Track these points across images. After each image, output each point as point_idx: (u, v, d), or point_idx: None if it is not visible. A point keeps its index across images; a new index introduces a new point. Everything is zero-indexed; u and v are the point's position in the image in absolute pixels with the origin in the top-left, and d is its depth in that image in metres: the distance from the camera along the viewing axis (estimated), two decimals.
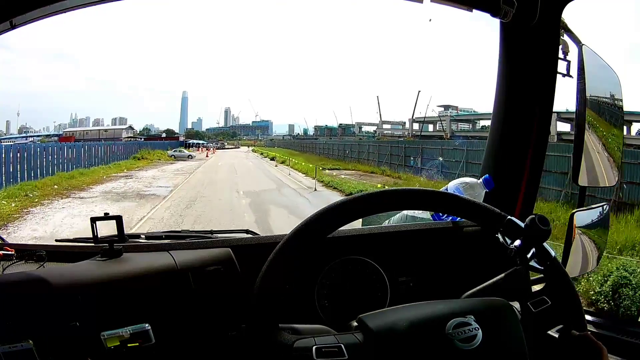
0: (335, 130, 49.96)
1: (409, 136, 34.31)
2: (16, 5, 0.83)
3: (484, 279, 0.76)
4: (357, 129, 46.87)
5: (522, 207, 1.15)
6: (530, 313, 0.67)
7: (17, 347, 0.63)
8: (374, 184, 14.15)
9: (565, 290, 0.69)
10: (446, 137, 30.02)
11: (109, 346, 0.71)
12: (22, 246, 0.92)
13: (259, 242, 1.00)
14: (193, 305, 0.83)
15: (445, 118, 35.47)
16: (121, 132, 41.74)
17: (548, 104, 1.11)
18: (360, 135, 44.18)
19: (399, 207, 0.78)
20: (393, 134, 39.55)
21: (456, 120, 35.12)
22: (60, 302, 0.70)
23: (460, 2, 1.02)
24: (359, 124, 47.89)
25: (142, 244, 1.00)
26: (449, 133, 31.94)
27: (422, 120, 35.61)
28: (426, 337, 0.60)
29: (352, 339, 0.60)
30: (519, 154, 1.14)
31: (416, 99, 38.61)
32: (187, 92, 69.77)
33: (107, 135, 39.46)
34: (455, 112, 38.66)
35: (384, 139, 34.28)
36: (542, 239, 0.68)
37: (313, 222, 0.65)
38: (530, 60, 1.09)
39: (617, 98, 1.11)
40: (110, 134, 40.65)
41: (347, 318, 0.71)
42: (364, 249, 1.03)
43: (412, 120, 36.80)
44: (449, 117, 35.47)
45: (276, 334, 0.60)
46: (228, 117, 62.61)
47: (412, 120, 36.80)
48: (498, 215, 0.70)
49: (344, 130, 48.20)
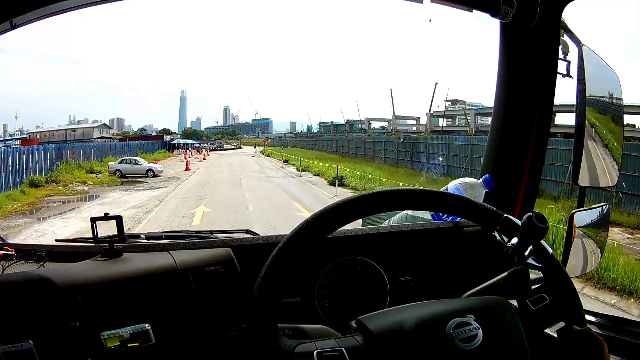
0: (342, 127, 47.29)
1: (427, 131, 31.85)
2: (16, 6, 0.83)
3: (484, 278, 0.76)
4: (367, 125, 44.14)
5: (522, 206, 1.15)
6: (530, 311, 0.68)
7: (17, 347, 0.63)
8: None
9: (563, 286, 0.69)
10: (471, 132, 27.77)
11: (109, 346, 0.71)
12: (22, 246, 0.92)
13: (259, 242, 1.00)
14: (193, 305, 0.83)
15: (470, 111, 32.63)
16: (92, 131, 35.53)
17: (548, 104, 1.11)
18: (370, 131, 41.70)
19: (398, 207, 0.78)
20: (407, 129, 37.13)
21: (481, 114, 31.81)
22: (60, 302, 0.70)
23: (460, 3, 1.02)
24: (368, 120, 45.07)
25: (142, 244, 1.00)
26: (473, 128, 29.24)
27: (443, 114, 32.82)
28: (426, 337, 0.60)
29: (352, 342, 0.60)
30: (519, 154, 1.14)
31: (433, 91, 36.59)
32: (185, 91, 69.54)
33: (76, 135, 33.35)
34: (463, 106, 36.11)
35: (398, 135, 31.57)
36: (539, 237, 0.68)
37: (313, 223, 0.65)
38: (530, 61, 1.09)
39: (617, 98, 1.11)
40: (79, 133, 34.37)
41: (347, 318, 0.71)
42: (364, 249, 1.03)
43: (430, 114, 34.03)
44: (473, 110, 32.52)
45: (276, 338, 0.60)
46: (227, 116, 62.07)
47: (430, 114, 34.03)
48: (495, 214, 0.70)
49: (351, 127, 45.77)
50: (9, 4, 0.83)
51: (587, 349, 0.66)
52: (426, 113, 35.13)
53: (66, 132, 33.85)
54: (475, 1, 1.01)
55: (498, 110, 1.19)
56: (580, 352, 0.66)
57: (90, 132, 35.06)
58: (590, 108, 1.02)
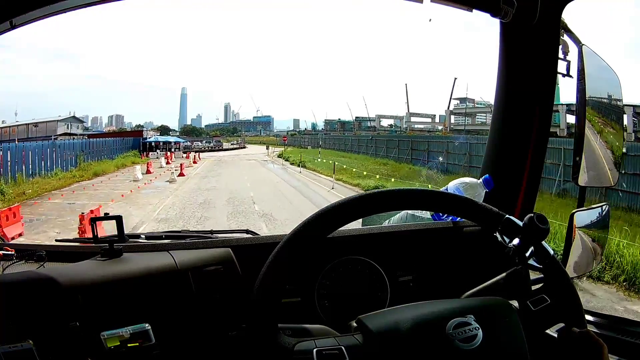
0: (349, 125, 44.87)
1: (445, 130, 30.11)
2: (16, 5, 0.83)
3: (484, 278, 0.76)
4: (378, 122, 41.68)
5: (522, 206, 1.15)
6: (530, 311, 0.68)
7: (17, 347, 0.63)
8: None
9: (564, 288, 0.69)
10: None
11: (109, 346, 0.71)
12: (22, 246, 0.92)
13: (259, 242, 1.00)
14: (193, 305, 0.83)
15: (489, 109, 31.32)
16: (55, 126, 28.44)
17: (548, 104, 1.11)
18: (381, 129, 39.61)
19: (398, 207, 0.78)
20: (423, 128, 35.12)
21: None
22: (60, 302, 0.70)
23: (460, 2, 1.02)
24: (378, 117, 42.53)
25: (142, 244, 1.00)
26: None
27: (464, 112, 31.16)
28: (426, 337, 0.60)
29: (352, 341, 0.60)
30: (519, 154, 1.14)
31: (452, 87, 33.76)
32: (186, 88, 68.96)
33: (39, 131, 26.87)
34: (472, 104, 34.83)
35: (412, 133, 30.11)
36: (540, 238, 0.68)
37: (313, 222, 0.65)
38: (530, 60, 1.09)
39: (617, 98, 1.11)
40: (42, 129, 27.52)
41: (347, 318, 0.71)
42: (364, 249, 1.03)
43: (449, 112, 32.08)
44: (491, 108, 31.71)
45: (276, 337, 0.60)
46: (228, 113, 61.52)
47: (449, 112, 32.08)
48: (496, 214, 0.70)
49: (360, 124, 43.79)
50: (9, 4, 0.83)
51: (586, 350, 0.66)
52: (445, 110, 33.28)
53: (27, 128, 27.46)
54: (475, 1, 1.01)
55: (498, 110, 1.19)
56: (580, 354, 0.66)
57: (54, 127, 28.02)
58: (590, 108, 1.02)
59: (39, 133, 26.13)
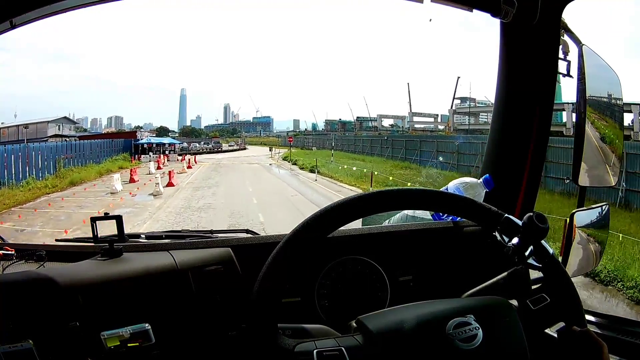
0: (350, 125, 44.24)
1: (448, 130, 29.49)
2: (16, 5, 0.83)
3: (484, 278, 0.76)
4: (379, 122, 41.09)
5: (522, 206, 1.15)
6: (530, 311, 0.67)
7: (17, 347, 0.63)
8: None
9: (564, 287, 0.69)
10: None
11: (109, 346, 0.71)
12: (22, 246, 0.92)
13: (259, 242, 1.00)
14: (193, 305, 0.83)
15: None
16: (46, 127, 26.79)
17: (548, 104, 1.11)
18: (383, 129, 38.95)
19: (398, 207, 0.78)
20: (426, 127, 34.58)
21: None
22: (60, 302, 0.70)
23: (461, 2, 1.02)
24: (380, 117, 41.98)
25: (142, 243, 1.00)
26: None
27: (467, 111, 30.71)
28: (426, 337, 0.60)
29: (352, 342, 0.60)
30: (520, 154, 1.14)
31: (455, 86, 33.09)
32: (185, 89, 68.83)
33: (29, 133, 25.23)
34: (473, 104, 34.35)
35: (415, 133, 29.53)
36: (540, 237, 0.68)
37: (313, 222, 0.65)
38: (530, 60, 1.09)
39: (617, 98, 1.11)
40: (32, 130, 25.75)
41: (347, 318, 0.70)
42: (364, 249, 1.03)
43: (452, 111, 31.41)
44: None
45: (276, 337, 0.60)
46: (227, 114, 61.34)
47: (452, 111, 31.41)
48: (495, 214, 0.70)
49: (361, 124, 43.25)
50: (9, 4, 0.83)
51: (586, 350, 0.66)
52: (448, 110, 32.63)
53: (17, 130, 25.89)
54: (476, 1, 1.01)
55: (498, 109, 1.19)
56: (579, 353, 0.66)
57: (45, 128, 26.36)
58: (590, 108, 1.02)
59: (29, 135, 24.38)
